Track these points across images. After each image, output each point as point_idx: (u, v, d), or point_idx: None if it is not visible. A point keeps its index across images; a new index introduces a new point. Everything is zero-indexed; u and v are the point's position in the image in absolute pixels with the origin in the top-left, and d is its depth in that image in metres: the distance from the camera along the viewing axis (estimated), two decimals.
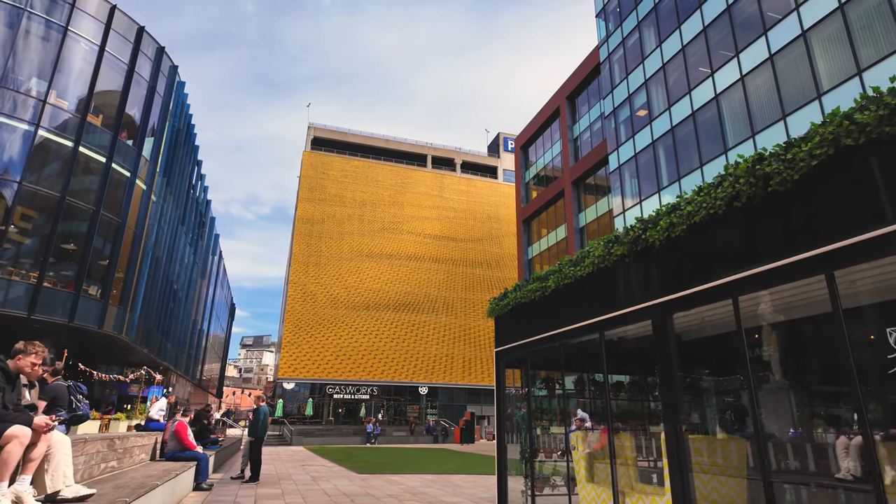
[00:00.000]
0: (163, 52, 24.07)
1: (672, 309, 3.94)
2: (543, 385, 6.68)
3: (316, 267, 49.75)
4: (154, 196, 23.99)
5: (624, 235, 4.37)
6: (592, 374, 6.88)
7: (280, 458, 19.64)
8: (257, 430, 10.38)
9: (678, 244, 3.88)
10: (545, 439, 6.89)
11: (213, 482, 9.98)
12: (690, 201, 3.76)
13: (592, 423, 7.09)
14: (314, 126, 56.71)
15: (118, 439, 6.72)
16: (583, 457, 5.63)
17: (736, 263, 3.37)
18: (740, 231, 3.41)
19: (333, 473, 13.34)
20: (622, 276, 4.53)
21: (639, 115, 28.64)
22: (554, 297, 5.54)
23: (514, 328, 6.45)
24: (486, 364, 51.72)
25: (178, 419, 9.17)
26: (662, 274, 4.03)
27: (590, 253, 4.85)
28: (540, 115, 44.16)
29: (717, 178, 3.58)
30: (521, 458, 6.39)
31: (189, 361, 41.60)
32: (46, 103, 18.93)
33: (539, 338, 5.72)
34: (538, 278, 5.77)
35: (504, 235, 57.39)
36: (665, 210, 4.02)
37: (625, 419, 6.56)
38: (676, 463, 3.76)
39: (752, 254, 3.29)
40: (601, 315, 4.71)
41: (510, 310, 6.46)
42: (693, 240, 3.73)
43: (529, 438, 6.11)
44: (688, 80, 24.90)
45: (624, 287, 4.49)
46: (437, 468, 15.61)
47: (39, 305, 17.97)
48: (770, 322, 4.64)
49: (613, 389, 6.73)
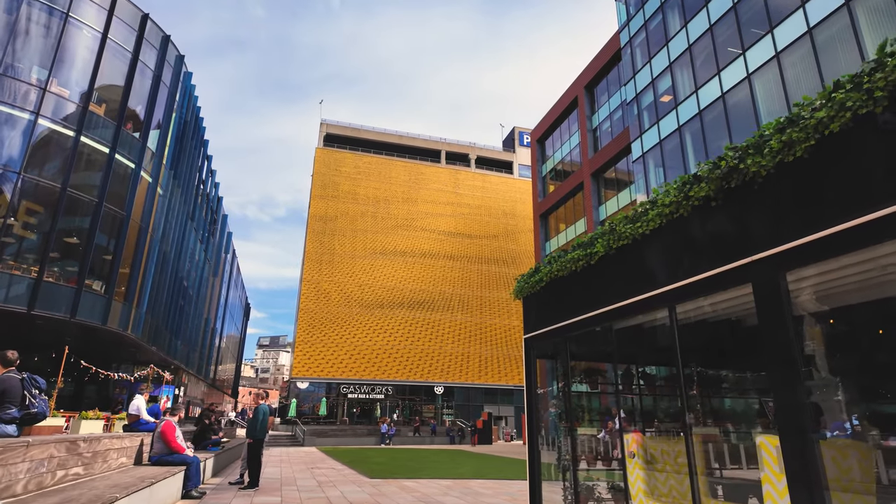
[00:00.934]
0: (168, 40, 23.36)
1: (787, 265, 2.81)
2: (584, 378, 5.55)
3: (329, 265, 49.00)
4: (160, 189, 23.30)
5: (710, 170, 3.24)
6: (642, 364, 5.73)
7: (289, 459, 18.72)
8: (256, 431, 9.38)
9: (801, 169, 2.74)
10: (589, 443, 5.76)
11: (207, 489, 9.01)
12: (820, 107, 2.63)
13: (624, 423, 5.96)
14: (326, 123, 56.01)
15: (84, 441, 5.76)
16: (640, 466, 4.51)
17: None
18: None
19: (342, 478, 12.33)
20: (703, 227, 3.40)
21: (663, 101, 27.28)
22: (602, 265, 4.41)
23: (548, 309, 5.33)
24: (503, 363, 50.49)
25: (165, 419, 8.22)
26: (774, 216, 2.89)
27: (656, 202, 3.72)
28: (557, 107, 42.85)
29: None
30: (558, 467, 5.28)
31: (202, 361, 41.09)
32: (47, 92, 18.27)
33: (583, 318, 4.59)
34: (582, 244, 4.66)
35: (520, 231, 56.10)
36: (775, 126, 2.88)
37: (670, 419, 5.40)
38: (802, 476, 2.63)
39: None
40: (673, 283, 3.58)
41: (543, 287, 5.35)
42: (832, 155, 2.59)
43: (571, 443, 5.00)
44: (716, 61, 23.48)
45: (707, 242, 3.36)
46: (455, 472, 14.53)
47: (40, 301, 17.29)
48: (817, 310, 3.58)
49: (668, 383, 5.58)
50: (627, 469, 4.79)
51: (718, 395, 5.45)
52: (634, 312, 4.09)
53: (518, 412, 48.05)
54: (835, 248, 2.55)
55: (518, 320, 51.92)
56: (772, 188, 2.92)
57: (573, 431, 5.05)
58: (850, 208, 2.47)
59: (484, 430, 37.43)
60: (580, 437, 5.50)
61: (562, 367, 5.26)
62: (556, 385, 5.48)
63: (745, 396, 5.45)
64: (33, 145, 17.77)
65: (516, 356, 51.00)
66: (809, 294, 3.39)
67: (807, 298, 3.48)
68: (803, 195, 2.75)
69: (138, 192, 21.31)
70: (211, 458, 11.13)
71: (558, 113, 42.41)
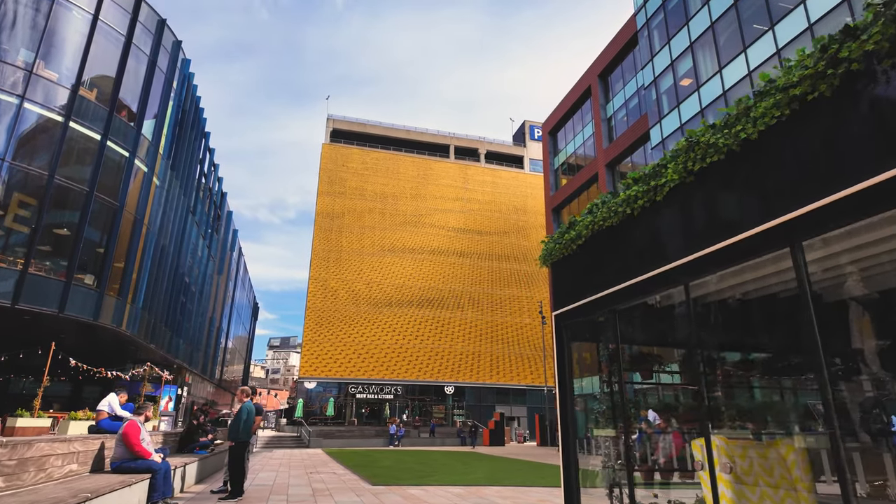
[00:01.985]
0: (164, 24, 22.39)
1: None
2: (634, 366, 4.27)
3: (336, 262, 47.96)
4: (157, 179, 22.31)
5: (818, 56, 1.99)
6: (707, 349, 4.45)
7: (291, 462, 17.59)
8: (238, 432, 8.20)
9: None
10: (642, 448, 4.48)
11: (185, 498, 7.85)
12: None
13: (658, 424, 4.69)
14: (333, 118, 55.00)
15: (3, 447, 4.61)
16: (724, 480, 3.25)
17: None
18: None
19: (341, 485, 11.14)
20: (829, 133, 2.14)
21: (683, 85, 25.87)
22: (678, 198, 3.16)
23: (589, 275, 4.08)
24: (515, 362, 49.11)
25: (129, 418, 7.07)
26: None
27: (753, 107, 2.46)
28: (569, 97, 41.48)
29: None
30: (606, 487, 4.03)
31: (207, 360, 40.19)
32: (33, 74, 17.33)
33: (649, 276, 3.34)
34: (643, 177, 3.40)
35: (532, 227, 54.68)
36: None
37: (751, 417, 4.11)
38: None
39: None
40: (795, 209, 2.32)
41: (582, 245, 4.10)
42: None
43: (625, 447, 3.74)
44: (742, 39, 22.06)
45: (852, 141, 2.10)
46: (466, 478, 13.28)
47: (25, 294, 16.30)
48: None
49: (744, 368, 4.28)
50: (702, 480, 3.56)
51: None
52: (743, 256, 2.76)
53: (531, 413, 46.62)
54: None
55: (531, 318, 50.49)
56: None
57: (629, 434, 3.78)
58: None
59: (496, 430, 36.11)
60: (631, 440, 4.22)
61: (608, 352, 3.99)
62: (602, 374, 4.20)
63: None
64: (19, 131, 16.84)
65: (529, 355, 49.59)
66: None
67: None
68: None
69: (133, 182, 20.33)
70: (195, 462, 9.98)
71: (571, 103, 41.04)
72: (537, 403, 46.14)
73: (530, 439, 43.18)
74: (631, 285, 3.44)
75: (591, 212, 3.91)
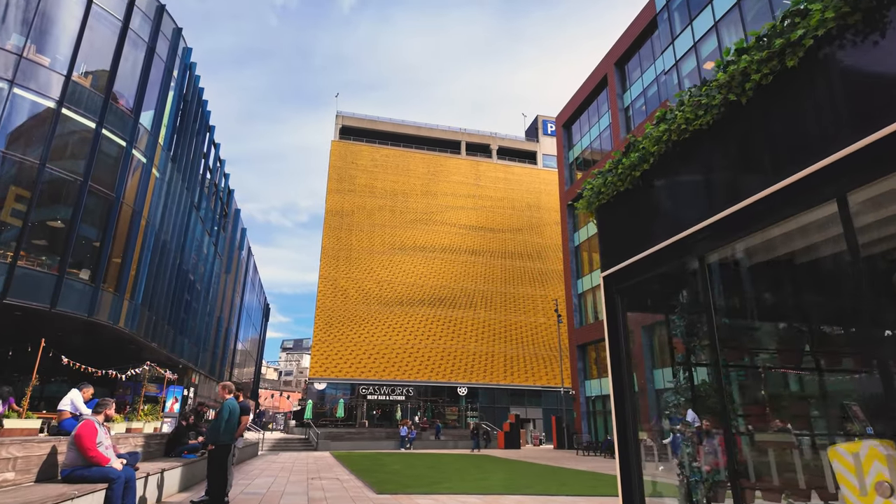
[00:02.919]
0: (163, 10, 21.56)
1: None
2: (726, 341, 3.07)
3: (346, 261, 47.01)
4: (157, 171, 21.46)
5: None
6: (815, 322, 3.24)
7: (293, 466, 16.52)
8: (219, 434, 7.11)
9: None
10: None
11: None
12: None
13: (699, 427, 3.48)
14: (342, 115, 54.14)
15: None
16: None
17: None
18: None
19: (342, 493, 10.01)
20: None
21: (706, 69, 24.47)
22: (811, 69, 1.97)
23: (652, 216, 2.90)
24: (531, 362, 47.74)
25: (86, 418, 6.02)
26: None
27: None
28: (584, 88, 40.14)
29: None
30: (692, 492, 2.85)
31: (214, 360, 39.43)
32: (24, 58, 16.53)
33: (758, 199, 2.15)
34: (755, 42, 2.21)
35: (546, 224, 53.29)
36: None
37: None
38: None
39: None
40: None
41: (644, 174, 2.92)
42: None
43: (729, 455, 2.55)
44: (772, 13, 20.64)
45: None
46: (481, 484, 12.09)
47: (14, 288, 15.44)
48: None
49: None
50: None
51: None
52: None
53: (546, 414, 45.20)
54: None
55: (546, 317, 49.06)
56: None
57: (728, 433, 2.59)
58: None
59: (511, 433, 34.80)
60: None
61: (684, 322, 2.80)
62: (675, 358, 3.02)
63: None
64: (8, 118, 16.04)
65: (544, 355, 48.18)
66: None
67: None
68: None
69: (131, 174, 19.48)
70: (177, 468, 8.92)
71: (586, 94, 39.71)
72: (553, 405, 44.73)
73: (546, 442, 41.79)
74: (737, 212, 2.25)
75: (664, 118, 2.74)
